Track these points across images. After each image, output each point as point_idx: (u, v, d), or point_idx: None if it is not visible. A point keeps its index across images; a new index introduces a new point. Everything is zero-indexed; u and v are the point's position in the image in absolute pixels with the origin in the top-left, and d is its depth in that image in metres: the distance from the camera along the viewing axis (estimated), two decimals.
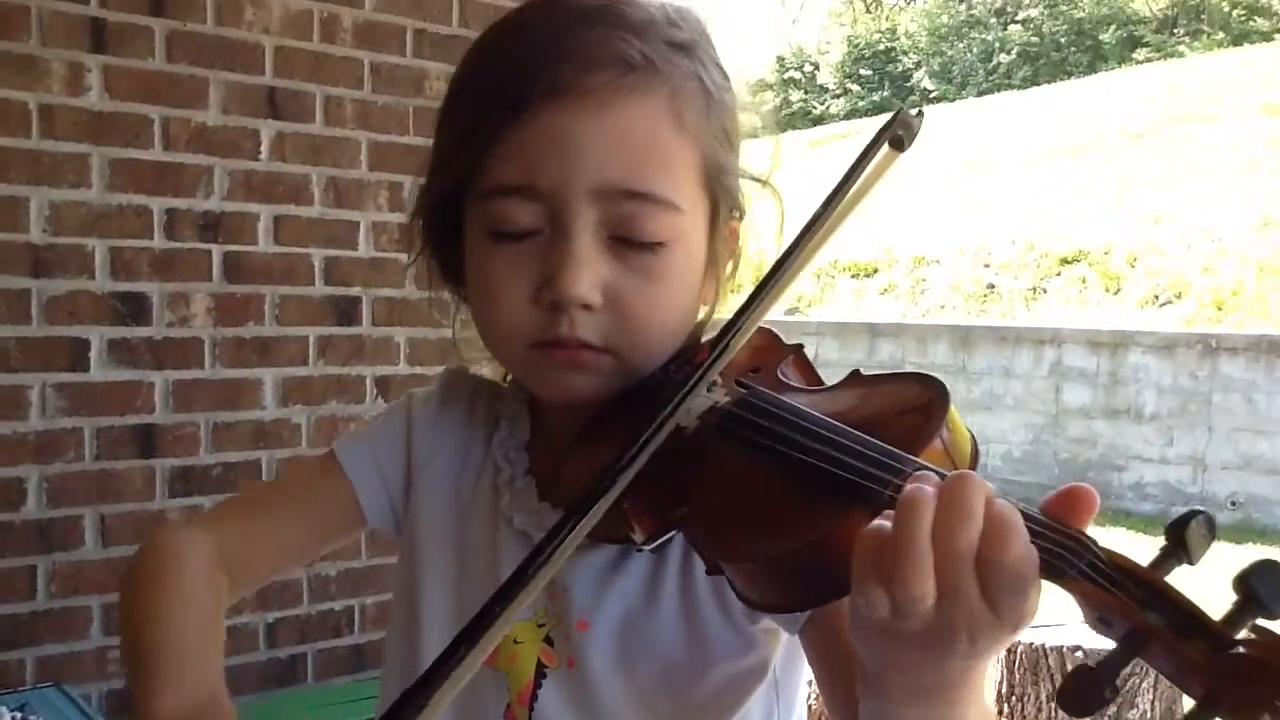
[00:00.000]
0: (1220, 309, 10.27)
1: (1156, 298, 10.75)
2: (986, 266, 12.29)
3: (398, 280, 3.45)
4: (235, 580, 1.00)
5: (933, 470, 0.65)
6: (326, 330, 3.34)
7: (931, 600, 0.60)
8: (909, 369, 10.05)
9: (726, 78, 0.93)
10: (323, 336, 3.34)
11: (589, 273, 0.85)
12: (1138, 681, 3.01)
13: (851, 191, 0.77)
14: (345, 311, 3.38)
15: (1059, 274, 11.68)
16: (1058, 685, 3.29)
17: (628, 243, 0.86)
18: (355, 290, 3.39)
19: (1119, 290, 11.11)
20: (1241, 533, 8.00)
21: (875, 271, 12.96)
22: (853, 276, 13.04)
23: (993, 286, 11.99)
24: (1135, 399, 9.07)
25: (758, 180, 0.96)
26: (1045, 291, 11.60)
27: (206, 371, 3.14)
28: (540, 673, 0.94)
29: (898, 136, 0.78)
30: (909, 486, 0.62)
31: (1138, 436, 9.06)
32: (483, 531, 1.00)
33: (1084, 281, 11.39)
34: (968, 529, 0.60)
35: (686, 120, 0.87)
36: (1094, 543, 0.61)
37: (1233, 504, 8.59)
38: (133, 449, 3.03)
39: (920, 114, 0.80)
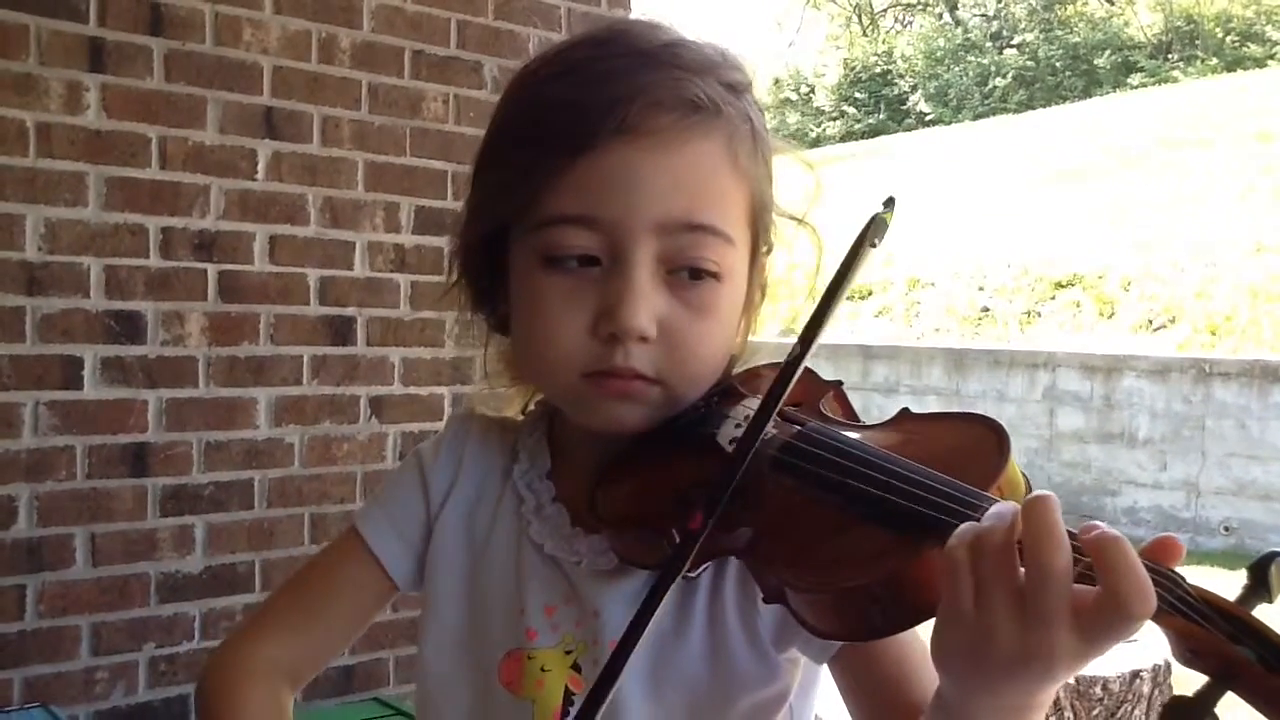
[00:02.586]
0: (1214, 334, 10.29)
1: (1150, 322, 10.77)
2: (981, 290, 12.31)
3: (393, 301, 3.45)
4: (297, 683, 1.06)
5: None
6: (321, 350, 3.34)
7: (1012, 585, 0.63)
8: (904, 391, 10.07)
9: (765, 118, 0.96)
10: (317, 356, 3.34)
11: (647, 305, 0.87)
12: (1129, 709, 3.01)
13: (839, 295, 0.83)
14: (340, 331, 3.38)
15: (1053, 298, 11.70)
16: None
17: (682, 276, 0.89)
18: (350, 310, 3.39)
19: (1113, 314, 11.13)
20: (1234, 558, 7.99)
21: (870, 294, 12.98)
22: (847, 298, 13.05)
23: (987, 310, 12.01)
24: (1129, 423, 9.07)
25: (794, 219, 1.00)
26: (1039, 315, 11.63)
27: (200, 391, 3.14)
28: (568, 700, 0.95)
29: (875, 243, 0.82)
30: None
31: (1131, 461, 9.06)
32: (504, 561, 1.01)
33: (1078, 305, 11.41)
34: (1054, 539, 0.63)
35: (740, 160, 0.91)
36: (1183, 579, 0.64)
37: (1226, 529, 8.58)
38: (124, 468, 3.03)
39: (890, 201, 0.84)
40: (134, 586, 3.04)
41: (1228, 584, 0.67)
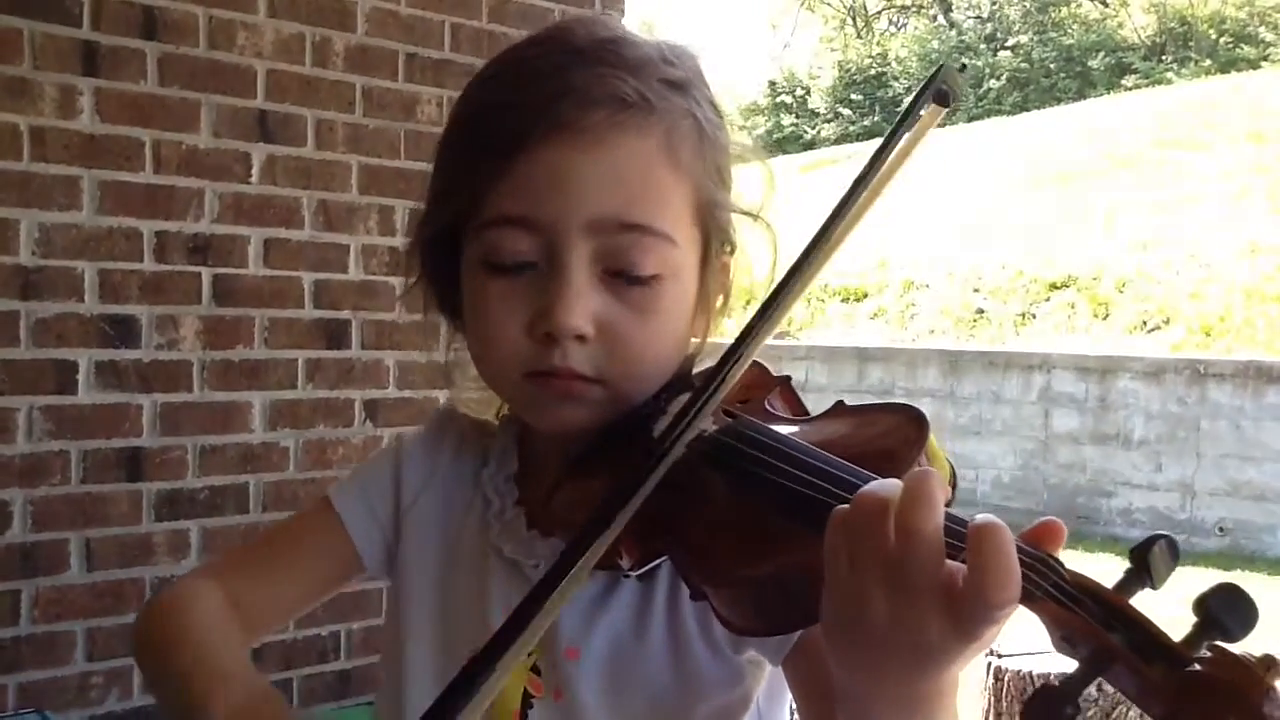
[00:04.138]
0: (1208, 335, 10.31)
1: (1145, 323, 10.79)
2: (976, 291, 12.32)
3: (387, 304, 3.45)
4: (245, 632, 1.02)
5: None
6: (315, 353, 3.34)
7: (882, 548, 0.63)
8: (899, 393, 10.07)
9: (720, 115, 0.95)
10: (312, 360, 3.33)
11: (583, 304, 0.86)
12: (1124, 710, 3.01)
13: (897, 149, 0.77)
14: (334, 335, 3.37)
15: (1048, 299, 11.72)
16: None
17: (621, 276, 0.88)
18: (345, 313, 3.39)
19: (1108, 316, 11.14)
20: (1229, 559, 8.00)
21: (865, 296, 12.99)
22: (842, 301, 13.06)
23: (982, 311, 12.02)
24: (1124, 424, 9.08)
25: (749, 214, 0.98)
26: (1034, 317, 11.64)
27: (195, 395, 3.13)
28: (527, 703, 0.95)
29: (942, 91, 0.77)
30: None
31: (1126, 462, 9.07)
32: (471, 564, 1.01)
33: (1073, 307, 11.43)
34: (928, 509, 0.63)
35: (680, 157, 0.89)
36: (1061, 565, 0.63)
37: (1220, 530, 8.60)
38: (119, 472, 3.02)
39: (963, 67, 0.78)
40: (129, 591, 3.03)
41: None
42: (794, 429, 0.84)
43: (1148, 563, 0.62)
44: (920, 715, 0.68)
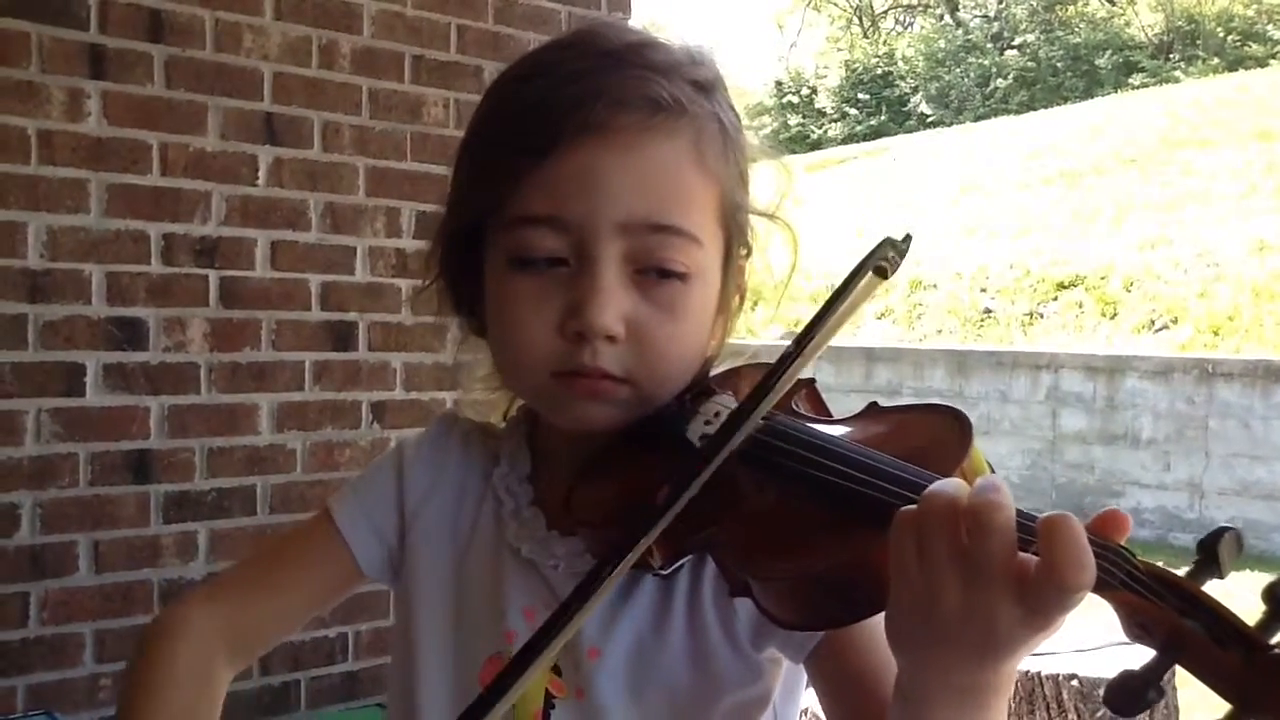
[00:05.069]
0: (1216, 334, 10.28)
1: (1153, 323, 10.76)
2: (983, 291, 12.30)
3: (394, 306, 3.45)
4: (241, 654, 1.04)
5: None
6: (323, 356, 3.34)
7: (955, 541, 0.65)
8: (906, 394, 10.06)
9: (739, 118, 0.96)
10: (319, 362, 3.34)
11: (614, 305, 0.87)
12: None
13: (835, 315, 0.79)
14: (342, 337, 3.38)
15: (1055, 299, 11.69)
16: (1051, 705, 3.28)
17: (650, 276, 0.89)
18: (352, 315, 3.39)
19: (1115, 315, 11.11)
20: (1238, 559, 7.97)
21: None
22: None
23: (989, 311, 11.99)
24: (1132, 424, 9.06)
25: (766, 216, 0.99)
26: (1042, 316, 11.61)
27: (202, 397, 3.14)
28: (549, 703, 0.95)
29: (881, 265, 0.80)
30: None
31: (1135, 462, 9.05)
32: (484, 564, 1.01)
33: (1080, 306, 11.40)
34: (999, 500, 0.65)
35: (708, 160, 0.90)
36: (1132, 554, 0.65)
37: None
38: (127, 475, 3.03)
39: (907, 238, 0.82)
40: (137, 593, 3.04)
41: (1230, 585, 0.67)
42: (834, 429, 0.85)
43: (1216, 553, 0.64)
44: (979, 706, 0.70)
